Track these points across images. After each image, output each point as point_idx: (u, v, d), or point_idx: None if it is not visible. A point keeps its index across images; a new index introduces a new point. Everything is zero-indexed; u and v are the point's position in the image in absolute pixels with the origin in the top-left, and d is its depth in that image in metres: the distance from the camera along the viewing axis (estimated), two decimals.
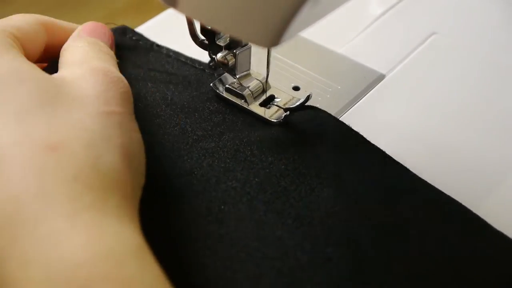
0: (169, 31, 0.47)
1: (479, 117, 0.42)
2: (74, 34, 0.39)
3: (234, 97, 0.40)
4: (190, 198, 0.34)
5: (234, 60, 0.39)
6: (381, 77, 0.45)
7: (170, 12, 0.51)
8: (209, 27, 0.39)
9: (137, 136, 0.33)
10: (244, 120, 0.40)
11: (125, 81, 0.35)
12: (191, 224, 0.33)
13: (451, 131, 0.41)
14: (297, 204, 0.34)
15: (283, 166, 0.36)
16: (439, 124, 0.41)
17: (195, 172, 0.35)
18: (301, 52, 0.47)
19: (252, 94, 0.40)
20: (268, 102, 0.41)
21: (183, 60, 0.44)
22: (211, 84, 0.41)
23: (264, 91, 0.41)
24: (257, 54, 0.41)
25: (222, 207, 0.33)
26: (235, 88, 0.40)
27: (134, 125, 0.33)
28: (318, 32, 0.40)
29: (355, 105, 0.43)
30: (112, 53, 0.38)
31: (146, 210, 0.31)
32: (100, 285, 0.25)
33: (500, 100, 0.44)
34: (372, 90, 0.44)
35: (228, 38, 0.39)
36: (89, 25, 0.40)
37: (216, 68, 0.41)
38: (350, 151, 0.38)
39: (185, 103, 0.40)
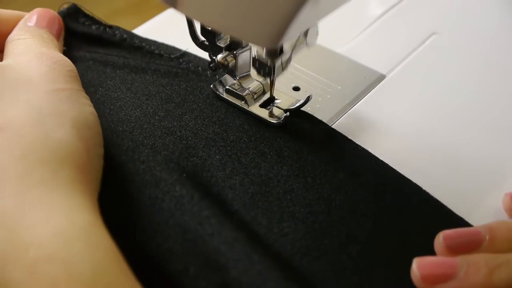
0: (169, 31, 0.47)
1: (479, 116, 0.42)
2: (20, 23, 0.40)
3: (234, 99, 0.40)
4: (154, 172, 0.35)
5: (234, 61, 0.39)
6: (381, 77, 0.45)
7: (170, 12, 0.51)
8: (209, 28, 0.39)
9: (89, 109, 0.34)
10: (205, 100, 0.41)
11: (70, 62, 0.36)
12: (151, 197, 0.33)
13: (451, 131, 0.41)
14: (256, 180, 0.35)
15: (244, 145, 0.37)
16: (439, 124, 0.41)
17: (158, 147, 0.37)
18: (302, 52, 0.47)
19: (252, 96, 0.40)
20: (269, 103, 0.41)
21: (137, 43, 0.45)
22: (211, 86, 0.41)
23: (264, 92, 0.41)
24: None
25: (182, 179, 0.34)
26: (235, 90, 0.40)
27: (85, 100, 0.34)
28: (318, 32, 0.40)
29: (355, 106, 0.43)
30: (55, 42, 0.40)
31: (110, 184, 0.33)
32: (46, 265, 0.26)
33: (500, 100, 0.44)
34: (373, 91, 0.44)
35: (229, 39, 0.39)
36: (35, 12, 0.41)
37: (216, 69, 0.41)
38: (313, 135, 0.39)
39: (145, 87, 0.41)
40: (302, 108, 0.40)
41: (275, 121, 0.39)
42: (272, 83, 0.40)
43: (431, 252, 0.32)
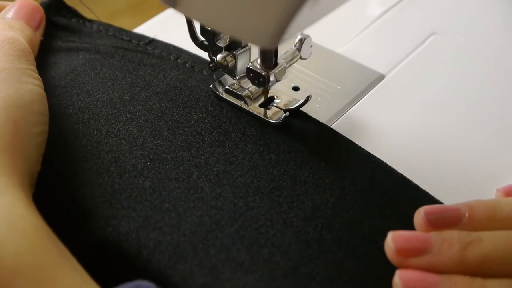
0: (169, 31, 0.47)
1: (479, 116, 0.42)
2: (1, 13, 0.41)
3: (234, 98, 0.40)
4: (118, 156, 0.36)
5: (234, 61, 0.39)
6: (380, 77, 0.45)
7: (170, 12, 0.51)
8: (209, 28, 0.39)
9: (28, 87, 0.35)
10: (169, 83, 0.41)
11: (22, 41, 0.38)
12: (118, 179, 0.34)
13: (450, 131, 0.41)
14: (221, 158, 0.36)
15: (208, 125, 0.38)
16: (439, 124, 0.41)
17: (123, 134, 0.37)
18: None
19: (252, 95, 0.40)
20: (268, 103, 0.41)
21: (111, 32, 0.46)
22: (210, 86, 0.41)
23: (263, 92, 0.41)
24: (257, 55, 0.41)
25: (148, 163, 0.35)
26: (235, 89, 0.40)
27: (27, 79, 0.35)
28: (318, 32, 0.40)
29: (355, 105, 0.43)
30: (27, 30, 0.41)
31: (78, 174, 0.35)
32: None
33: (500, 100, 0.44)
34: (372, 90, 0.44)
35: (228, 39, 0.39)
36: (16, 3, 0.42)
37: (216, 69, 0.41)
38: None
39: (112, 72, 0.42)
40: (301, 108, 0.40)
41: (275, 121, 0.39)
42: (266, 92, 0.40)
43: (396, 226, 0.32)
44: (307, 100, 0.39)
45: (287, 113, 0.39)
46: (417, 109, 0.43)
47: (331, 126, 0.40)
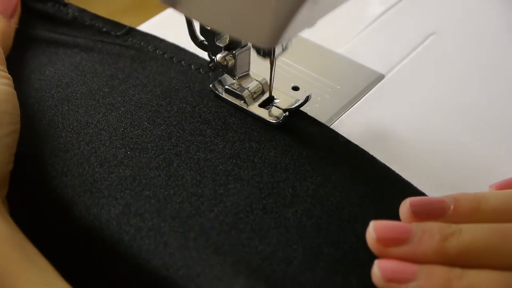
0: (168, 31, 0.47)
1: (479, 116, 0.42)
2: None
3: (234, 98, 0.40)
4: (98, 146, 0.37)
5: (233, 61, 0.39)
6: (380, 77, 0.45)
7: (170, 12, 0.51)
8: (209, 27, 0.39)
9: None
10: (148, 75, 0.42)
11: None
12: (99, 169, 0.35)
13: (450, 131, 0.41)
14: (202, 146, 0.37)
15: (188, 114, 0.39)
16: (438, 124, 0.41)
17: (102, 124, 0.38)
18: (301, 52, 0.47)
19: (252, 95, 0.40)
20: (268, 103, 0.41)
21: (88, 21, 0.46)
22: (210, 85, 0.41)
23: (263, 92, 0.41)
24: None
25: (128, 152, 0.36)
26: (235, 89, 0.40)
27: None
28: (317, 32, 0.40)
29: (355, 105, 0.43)
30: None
31: (59, 156, 0.35)
32: None
33: (500, 100, 0.44)
34: (372, 90, 0.44)
35: (228, 39, 0.39)
36: None
37: (215, 69, 0.41)
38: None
39: (91, 65, 0.43)
40: (301, 108, 0.40)
41: (275, 121, 0.39)
42: (272, 64, 0.39)
43: (376, 215, 0.32)
44: (307, 100, 0.39)
45: (287, 113, 0.39)
46: (417, 109, 0.43)
47: (331, 126, 0.40)
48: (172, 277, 0.30)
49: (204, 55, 0.42)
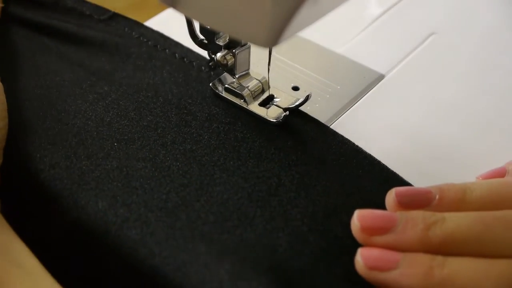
0: (168, 31, 0.47)
1: (479, 116, 0.42)
2: None
3: (234, 97, 0.40)
4: (85, 137, 0.37)
5: (233, 59, 0.39)
6: (380, 77, 0.45)
7: (170, 12, 0.51)
8: (208, 27, 0.39)
9: None
10: (134, 63, 0.42)
11: None
12: (86, 161, 0.35)
13: (450, 131, 0.41)
14: (188, 137, 0.37)
15: (174, 106, 0.40)
16: (438, 124, 0.41)
17: (89, 114, 0.38)
18: (301, 52, 0.47)
19: (252, 94, 0.40)
20: (268, 102, 0.41)
21: (70, 4, 0.47)
22: (210, 84, 0.41)
23: (263, 91, 0.41)
24: (257, 54, 0.41)
25: (115, 144, 0.36)
26: (235, 88, 0.40)
27: None
28: (317, 32, 0.40)
29: (355, 105, 0.43)
30: None
31: (47, 149, 0.36)
32: None
33: (499, 100, 0.44)
34: (372, 90, 0.44)
35: (228, 38, 0.39)
36: None
37: (215, 68, 0.41)
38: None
39: (77, 56, 0.43)
40: (301, 108, 0.40)
41: (274, 120, 0.39)
42: (269, 52, 0.40)
43: (361, 204, 0.33)
44: (306, 99, 0.39)
45: (287, 112, 0.39)
46: (417, 108, 0.43)
47: (331, 126, 0.40)
48: (159, 265, 0.30)
49: (187, 44, 0.42)
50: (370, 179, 0.36)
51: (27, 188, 0.35)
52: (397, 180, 0.36)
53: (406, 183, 0.36)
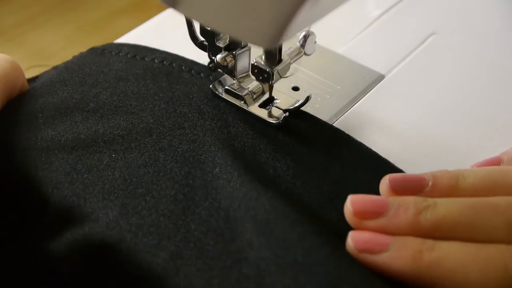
0: (168, 31, 0.47)
1: (479, 117, 0.42)
2: None
3: (234, 99, 0.40)
4: (82, 153, 0.36)
5: (233, 61, 0.39)
6: (380, 77, 0.45)
7: (170, 12, 0.51)
8: (209, 28, 0.39)
9: None
10: (115, 75, 0.42)
11: None
12: (88, 174, 0.35)
13: (450, 131, 0.41)
14: (184, 139, 0.37)
15: (164, 111, 0.39)
16: (439, 124, 0.41)
17: (81, 129, 0.38)
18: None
19: (252, 96, 0.40)
20: (268, 103, 0.41)
21: None
22: (210, 86, 0.41)
23: (263, 92, 0.41)
24: (257, 55, 0.41)
25: (113, 155, 0.36)
26: (235, 90, 0.40)
27: None
28: (318, 32, 0.40)
29: (355, 106, 0.43)
30: None
31: (44, 169, 0.35)
32: None
33: (500, 100, 0.44)
34: (372, 91, 0.44)
35: (228, 39, 0.39)
36: None
37: (215, 69, 0.41)
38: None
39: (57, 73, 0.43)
40: (301, 108, 0.40)
41: (275, 121, 0.39)
42: (271, 87, 0.40)
43: (354, 191, 0.33)
44: (307, 100, 0.39)
45: (287, 113, 0.39)
46: (417, 109, 0.43)
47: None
48: (181, 268, 0.30)
49: (187, 44, 0.41)
50: (363, 167, 0.36)
51: (32, 207, 0.35)
52: (389, 168, 0.36)
53: (398, 170, 0.36)
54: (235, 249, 0.31)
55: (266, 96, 0.41)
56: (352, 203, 0.32)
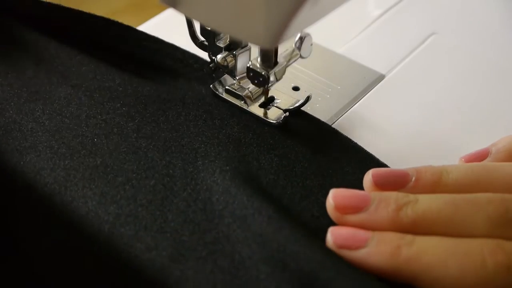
0: (169, 31, 0.47)
1: (479, 117, 0.42)
2: None
3: (234, 99, 0.40)
4: (65, 135, 0.37)
5: (234, 61, 0.39)
6: (380, 77, 0.45)
7: (170, 12, 0.51)
8: (209, 28, 0.39)
9: None
10: (86, 76, 0.42)
11: None
12: (70, 161, 0.35)
13: (450, 131, 0.41)
14: (166, 127, 0.37)
15: (146, 94, 0.39)
16: (439, 124, 0.41)
17: (65, 111, 0.38)
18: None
19: (252, 95, 0.40)
20: (268, 103, 0.41)
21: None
22: (210, 86, 0.41)
23: (263, 92, 0.41)
24: (257, 55, 0.40)
25: (95, 139, 0.36)
26: (235, 90, 0.40)
27: None
28: (318, 32, 0.40)
29: (355, 105, 0.43)
30: None
31: (26, 155, 0.35)
32: None
33: (500, 100, 0.44)
34: (372, 90, 0.44)
35: (228, 39, 0.39)
36: None
37: (216, 70, 0.41)
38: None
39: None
40: (301, 108, 0.40)
41: (275, 121, 0.39)
42: (267, 92, 0.40)
43: (337, 184, 0.34)
44: (307, 100, 0.39)
45: (287, 113, 0.39)
46: (417, 109, 0.43)
47: (331, 126, 0.40)
48: (156, 258, 0.31)
49: (187, 44, 0.41)
50: (347, 160, 0.36)
51: (15, 192, 0.35)
52: (373, 162, 0.37)
53: (383, 165, 0.36)
54: (210, 240, 0.31)
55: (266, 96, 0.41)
56: (333, 197, 0.32)
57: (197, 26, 0.40)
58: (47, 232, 0.33)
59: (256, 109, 0.40)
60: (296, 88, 0.44)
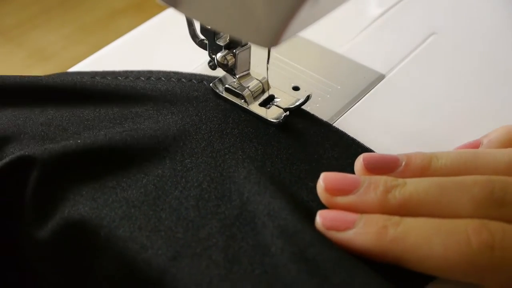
0: (169, 31, 0.47)
1: (479, 117, 0.42)
2: None
3: (234, 97, 0.40)
4: (53, 128, 0.37)
5: (234, 60, 0.39)
6: (381, 77, 0.45)
7: (170, 12, 0.51)
8: (209, 27, 0.39)
9: None
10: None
11: None
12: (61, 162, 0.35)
13: (450, 131, 0.41)
14: (148, 127, 0.38)
15: (127, 99, 0.40)
16: (439, 124, 0.41)
17: (52, 109, 0.39)
18: (301, 52, 0.47)
19: (252, 94, 0.40)
20: (268, 102, 0.41)
21: None
22: (210, 84, 0.41)
23: (264, 91, 0.41)
24: (257, 54, 0.41)
25: (78, 141, 0.36)
26: (235, 88, 0.40)
27: None
28: (318, 32, 0.40)
29: (355, 105, 0.43)
30: None
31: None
32: None
33: (500, 100, 0.44)
34: (372, 90, 0.44)
35: (228, 38, 0.39)
36: None
37: (215, 68, 0.41)
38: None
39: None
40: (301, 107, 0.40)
41: (275, 120, 0.39)
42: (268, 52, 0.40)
43: (324, 169, 0.34)
44: (307, 99, 0.39)
45: (287, 112, 0.39)
46: (417, 108, 0.43)
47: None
48: (152, 258, 0.31)
49: (187, 44, 0.41)
50: (333, 146, 0.38)
51: (7, 193, 0.35)
52: (358, 146, 0.37)
53: (369, 150, 0.37)
54: (204, 236, 0.31)
55: (266, 94, 0.41)
56: (324, 179, 0.33)
57: (197, 25, 0.40)
58: (38, 239, 0.33)
59: (256, 108, 0.40)
60: (296, 88, 0.44)
